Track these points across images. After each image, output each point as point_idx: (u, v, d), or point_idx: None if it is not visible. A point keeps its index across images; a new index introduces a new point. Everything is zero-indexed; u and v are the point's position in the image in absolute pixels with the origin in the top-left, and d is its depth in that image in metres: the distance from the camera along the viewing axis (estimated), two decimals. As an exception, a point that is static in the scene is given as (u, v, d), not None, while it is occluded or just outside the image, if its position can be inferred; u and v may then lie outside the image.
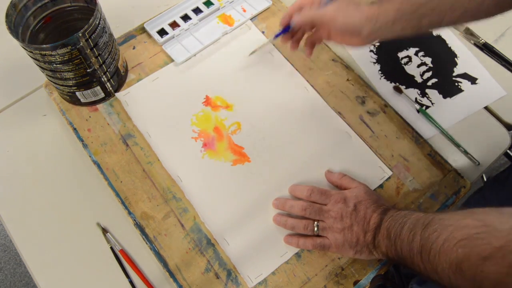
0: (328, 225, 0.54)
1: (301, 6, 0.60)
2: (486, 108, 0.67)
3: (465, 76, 0.70)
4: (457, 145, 0.64)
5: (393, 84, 0.69)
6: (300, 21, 0.58)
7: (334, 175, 0.60)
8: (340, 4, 0.55)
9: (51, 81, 0.63)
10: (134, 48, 0.72)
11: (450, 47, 0.73)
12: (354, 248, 0.53)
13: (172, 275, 0.55)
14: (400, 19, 0.52)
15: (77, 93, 0.64)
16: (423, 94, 0.69)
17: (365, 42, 0.55)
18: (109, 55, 0.63)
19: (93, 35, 0.58)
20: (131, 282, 0.56)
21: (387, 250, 0.50)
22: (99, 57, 0.61)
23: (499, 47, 0.72)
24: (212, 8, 0.74)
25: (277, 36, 0.63)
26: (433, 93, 0.69)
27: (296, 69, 0.69)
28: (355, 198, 0.55)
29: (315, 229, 0.55)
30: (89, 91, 0.64)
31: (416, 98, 0.68)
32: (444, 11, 0.51)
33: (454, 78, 0.70)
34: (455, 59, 0.72)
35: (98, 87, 0.64)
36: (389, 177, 0.61)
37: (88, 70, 0.61)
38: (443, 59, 0.72)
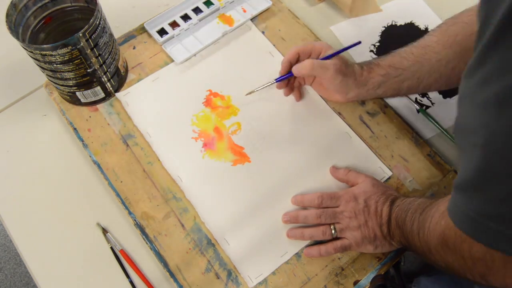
0: (344, 226, 0.55)
1: (299, 53, 0.63)
2: (486, 108, 0.67)
3: (465, 76, 0.70)
4: (457, 145, 0.64)
5: (393, 84, 0.69)
6: (303, 73, 0.61)
7: (340, 171, 0.60)
8: (340, 64, 0.59)
9: (51, 81, 0.63)
10: (134, 48, 0.72)
11: (450, 47, 0.73)
12: (374, 243, 0.54)
13: (172, 275, 0.55)
14: (385, 83, 0.59)
15: (77, 93, 0.64)
16: (423, 94, 0.69)
17: (345, 100, 0.62)
18: (109, 55, 0.63)
19: (94, 35, 0.58)
20: (131, 282, 0.56)
21: (400, 239, 0.51)
22: (99, 57, 0.61)
23: (499, 47, 0.72)
24: (212, 8, 0.74)
25: (278, 80, 0.64)
26: (433, 93, 0.69)
27: (296, 69, 0.69)
28: (364, 194, 0.55)
29: (333, 232, 0.55)
30: (89, 91, 0.64)
31: (416, 98, 0.68)
32: (422, 76, 0.57)
33: (454, 78, 0.70)
34: (455, 59, 0.72)
35: (98, 87, 0.64)
36: (389, 178, 0.61)
37: (88, 70, 0.61)
38: (443, 59, 0.72)
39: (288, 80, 0.65)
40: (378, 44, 0.74)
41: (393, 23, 0.76)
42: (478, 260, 0.38)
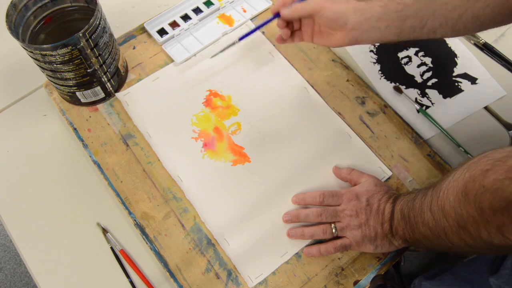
0: (345, 224, 0.55)
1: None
2: (486, 108, 0.67)
3: (465, 76, 0.70)
4: (457, 145, 0.64)
5: (393, 84, 0.69)
6: (289, 14, 0.56)
7: (343, 170, 0.60)
8: None
9: (51, 81, 0.63)
10: (134, 48, 0.72)
11: (450, 47, 0.73)
12: (374, 242, 0.53)
13: (172, 275, 0.55)
14: (386, 16, 0.54)
15: (77, 93, 0.64)
16: (423, 94, 0.69)
17: (349, 36, 0.54)
18: (109, 55, 0.63)
19: (94, 35, 0.58)
20: (131, 282, 0.56)
21: (404, 232, 0.51)
22: (99, 57, 0.61)
23: (499, 47, 0.72)
24: (212, 8, 0.74)
25: (259, 27, 0.60)
26: (433, 93, 0.69)
27: (296, 70, 0.70)
28: (366, 193, 0.55)
29: (333, 230, 0.55)
30: (89, 91, 0.64)
31: (416, 98, 0.68)
32: (426, 16, 0.54)
33: (454, 78, 0.70)
34: (455, 59, 0.72)
35: (98, 87, 0.64)
36: (389, 178, 0.61)
37: (88, 70, 0.61)
38: (443, 59, 0.72)
39: (287, 24, 0.59)
40: (378, 43, 0.74)
41: (393, 23, 0.76)
42: (499, 211, 0.38)
